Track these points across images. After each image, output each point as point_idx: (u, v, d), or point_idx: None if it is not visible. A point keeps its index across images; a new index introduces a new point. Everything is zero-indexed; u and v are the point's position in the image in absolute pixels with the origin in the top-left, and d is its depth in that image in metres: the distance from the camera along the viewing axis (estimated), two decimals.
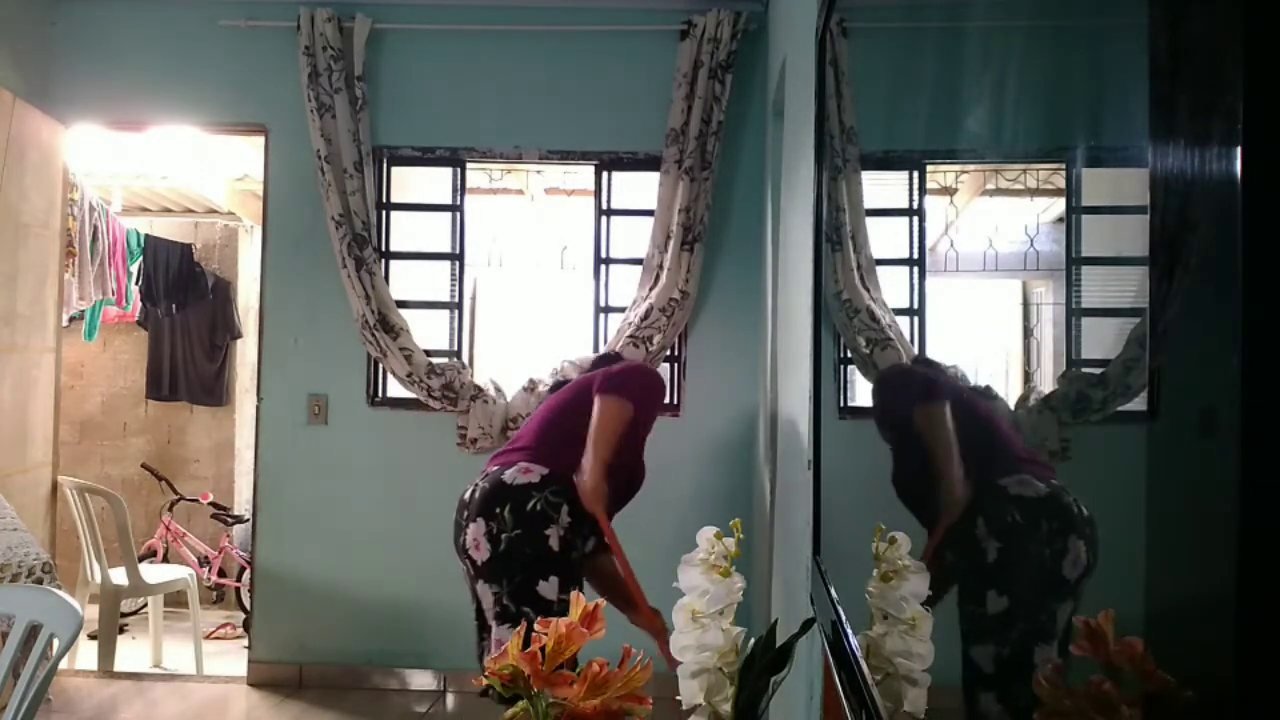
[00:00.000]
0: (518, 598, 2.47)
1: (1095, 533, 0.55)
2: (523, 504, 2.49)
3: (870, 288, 1.28)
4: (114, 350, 6.23)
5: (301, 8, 3.99)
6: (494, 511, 2.49)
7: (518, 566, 2.48)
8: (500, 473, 2.55)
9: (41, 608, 1.90)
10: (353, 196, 3.97)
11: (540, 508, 2.49)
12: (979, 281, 0.90)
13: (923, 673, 0.92)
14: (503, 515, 2.48)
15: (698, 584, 1.60)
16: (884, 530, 1.05)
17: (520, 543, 2.47)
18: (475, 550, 2.50)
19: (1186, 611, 0.43)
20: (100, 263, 4.92)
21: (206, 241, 6.28)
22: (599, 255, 4.16)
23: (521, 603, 2.47)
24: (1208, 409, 0.41)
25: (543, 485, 2.51)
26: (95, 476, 5.83)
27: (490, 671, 1.26)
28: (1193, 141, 0.42)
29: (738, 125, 4.02)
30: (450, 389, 3.98)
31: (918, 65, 1.06)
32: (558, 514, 2.50)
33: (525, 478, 2.52)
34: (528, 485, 2.51)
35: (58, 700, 3.73)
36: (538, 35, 4.08)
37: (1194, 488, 0.42)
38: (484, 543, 2.49)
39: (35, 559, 3.23)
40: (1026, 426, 0.68)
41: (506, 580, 2.48)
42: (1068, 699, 0.55)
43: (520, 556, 2.48)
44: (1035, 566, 0.62)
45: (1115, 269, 0.58)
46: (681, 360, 4.11)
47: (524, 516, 2.48)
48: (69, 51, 4.16)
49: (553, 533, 2.49)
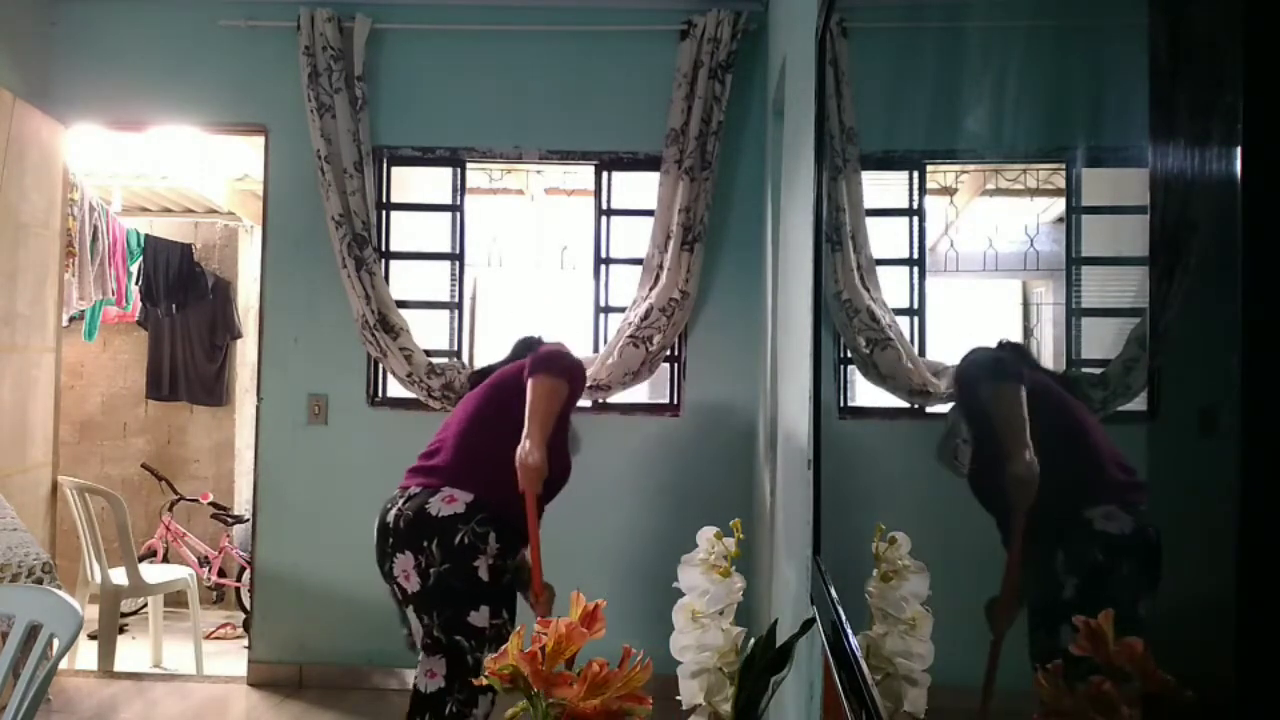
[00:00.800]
0: (449, 629, 2.46)
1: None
2: (450, 537, 2.46)
3: (870, 288, 1.28)
4: (114, 350, 6.23)
5: (301, 8, 3.99)
6: (421, 545, 2.46)
7: (449, 599, 2.47)
8: (424, 501, 2.50)
9: (41, 608, 1.90)
10: (353, 196, 3.97)
11: (468, 540, 2.46)
12: (979, 281, 0.90)
13: (923, 673, 0.92)
14: (430, 550, 2.46)
15: (698, 584, 1.60)
16: (884, 530, 1.05)
17: (449, 576, 2.46)
18: (405, 580, 2.49)
19: (1186, 611, 0.43)
20: (100, 263, 4.92)
21: (206, 241, 6.28)
22: (599, 255, 4.16)
23: (453, 633, 2.46)
24: (1208, 409, 0.41)
25: (469, 515, 2.48)
26: (95, 476, 5.83)
27: (490, 671, 1.27)
28: (1193, 141, 0.42)
29: (738, 125, 4.02)
30: (450, 389, 3.98)
31: (918, 65, 1.06)
32: (485, 544, 2.48)
33: (450, 508, 2.48)
34: (454, 517, 2.47)
35: (58, 700, 3.73)
36: (537, 35, 4.09)
37: (1194, 488, 0.42)
38: (413, 575, 2.47)
39: (35, 559, 3.23)
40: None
41: (437, 613, 2.47)
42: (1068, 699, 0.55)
43: (450, 590, 2.46)
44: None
45: (1115, 269, 0.58)
46: (681, 360, 4.11)
47: (452, 550, 2.46)
48: (69, 51, 4.16)
49: (481, 563, 2.47)
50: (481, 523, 2.48)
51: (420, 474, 2.62)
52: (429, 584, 2.46)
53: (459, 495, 2.50)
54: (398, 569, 2.50)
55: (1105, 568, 0.54)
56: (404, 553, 2.48)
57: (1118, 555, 0.52)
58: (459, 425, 2.69)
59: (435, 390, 3.98)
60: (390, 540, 2.52)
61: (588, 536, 4.07)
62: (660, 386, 4.31)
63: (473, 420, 2.68)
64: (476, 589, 2.47)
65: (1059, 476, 0.60)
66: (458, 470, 2.57)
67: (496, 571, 2.50)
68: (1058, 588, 0.61)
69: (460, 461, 2.59)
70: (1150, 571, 0.47)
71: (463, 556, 2.46)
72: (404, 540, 2.48)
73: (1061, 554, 0.60)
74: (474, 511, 2.49)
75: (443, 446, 2.66)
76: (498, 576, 2.51)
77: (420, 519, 2.48)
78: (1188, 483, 0.43)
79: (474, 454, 2.61)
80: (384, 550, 2.54)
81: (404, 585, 2.49)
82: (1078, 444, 0.60)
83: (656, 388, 4.40)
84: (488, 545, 2.48)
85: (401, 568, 2.49)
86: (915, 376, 1.06)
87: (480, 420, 2.67)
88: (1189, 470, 0.43)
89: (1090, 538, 0.56)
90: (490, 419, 2.66)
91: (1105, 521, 0.54)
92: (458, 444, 2.63)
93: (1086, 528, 0.56)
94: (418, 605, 2.49)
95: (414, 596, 2.48)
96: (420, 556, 2.46)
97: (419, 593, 2.47)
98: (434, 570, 2.45)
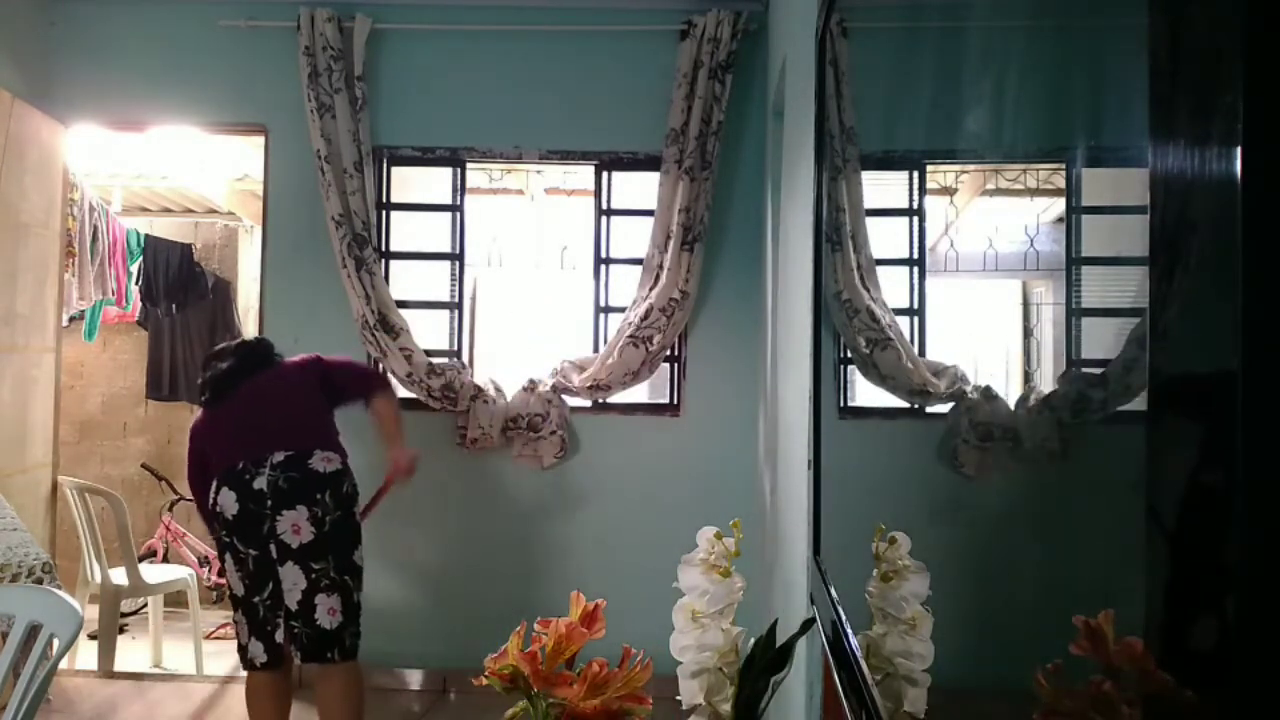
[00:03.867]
0: (341, 570, 2.85)
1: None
2: (339, 488, 2.88)
3: (870, 288, 1.28)
4: (114, 350, 6.23)
5: (301, 8, 3.99)
6: (314, 498, 2.82)
7: (340, 543, 2.85)
8: (303, 462, 2.85)
9: (41, 608, 1.90)
10: (353, 196, 3.97)
11: (349, 490, 2.93)
12: (979, 281, 0.90)
13: (923, 673, 0.92)
14: (324, 500, 2.84)
15: (698, 584, 1.60)
16: (884, 530, 1.05)
17: (340, 523, 2.86)
18: (295, 534, 2.79)
19: (1186, 611, 0.43)
20: (100, 263, 4.92)
21: (206, 241, 6.28)
22: (599, 255, 4.16)
23: (344, 573, 2.85)
24: (1208, 409, 0.41)
25: (344, 471, 2.93)
26: (95, 476, 5.83)
27: (490, 671, 1.27)
28: (1193, 141, 0.42)
29: (738, 125, 4.02)
30: (450, 389, 3.98)
31: (917, 65, 1.06)
32: (357, 493, 2.97)
33: (332, 465, 2.90)
34: (338, 472, 2.90)
35: (58, 700, 3.73)
36: (537, 35, 4.08)
37: (1194, 487, 0.42)
38: (305, 526, 2.80)
39: (35, 559, 3.23)
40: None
41: (333, 556, 2.83)
42: (1068, 699, 0.55)
43: (342, 534, 2.87)
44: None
45: (1115, 269, 0.58)
46: (681, 360, 4.11)
47: (341, 499, 2.88)
48: (69, 51, 4.16)
49: (356, 510, 2.96)
50: (350, 476, 2.95)
51: (269, 443, 2.89)
52: (324, 530, 2.82)
53: (332, 456, 2.92)
54: (284, 525, 2.79)
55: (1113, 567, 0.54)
56: (294, 508, 2.80)
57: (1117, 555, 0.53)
58: (283, 408, 3.02)
59: (435, 390, 3.98)
60: (271, 502, 2.81)
61: (587, 536, 4.07)
62: (660, 386, 4.31)
63: (297, 401, 3.05)
64: (356, 532, 2.93)
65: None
66: (317, 438, 2.96)
67: (358, 517, 2.98)
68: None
69: (314, 432, 2.98)
70: (1151, 571, 0.47)
71: (349, 504, 2.91)
72: (293, 497, 2.81)
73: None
74: (347, 468, 2.95)
75: (271, 426, 2.95)
76: (358, 521, 2.98)
77: (309, 477, 2.84)
78: (1187, 483, 0.43)
79: (320, 425, 3.02)
80: (260, 514, 2.81)
81: (292, 540, 2.79)
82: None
83: (656, 388, 4.40)
84: (357, 493, 2.97)
85: (291, 522, 2.79)
86: (915, 376, 1.06)
87: (305, 401, 3.06)
88: (1189, 470, 0.43)
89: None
90: (311, 398, 3.06)
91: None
92: (302, 420, 3.01)
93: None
94: (310, 554, 2.80)
95: (306, 547, 2.80)
96: (314, 509, 2.81)
97: (313, 542, 2.80)
98: (329, 518, 2.83)
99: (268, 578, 2.84)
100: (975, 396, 0.82)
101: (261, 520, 2.81)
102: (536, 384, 4.03)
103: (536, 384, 4.03)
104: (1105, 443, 0.55)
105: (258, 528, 2.82)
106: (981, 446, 0.80)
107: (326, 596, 2.82)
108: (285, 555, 2.80)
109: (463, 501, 4.09)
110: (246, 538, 2.83)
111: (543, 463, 4.02)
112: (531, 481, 4.07)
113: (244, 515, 2.82)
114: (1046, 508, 0.64)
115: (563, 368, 4.06)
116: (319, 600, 2.81)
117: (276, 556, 2.81)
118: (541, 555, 4.06)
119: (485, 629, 3.72)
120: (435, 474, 4.03)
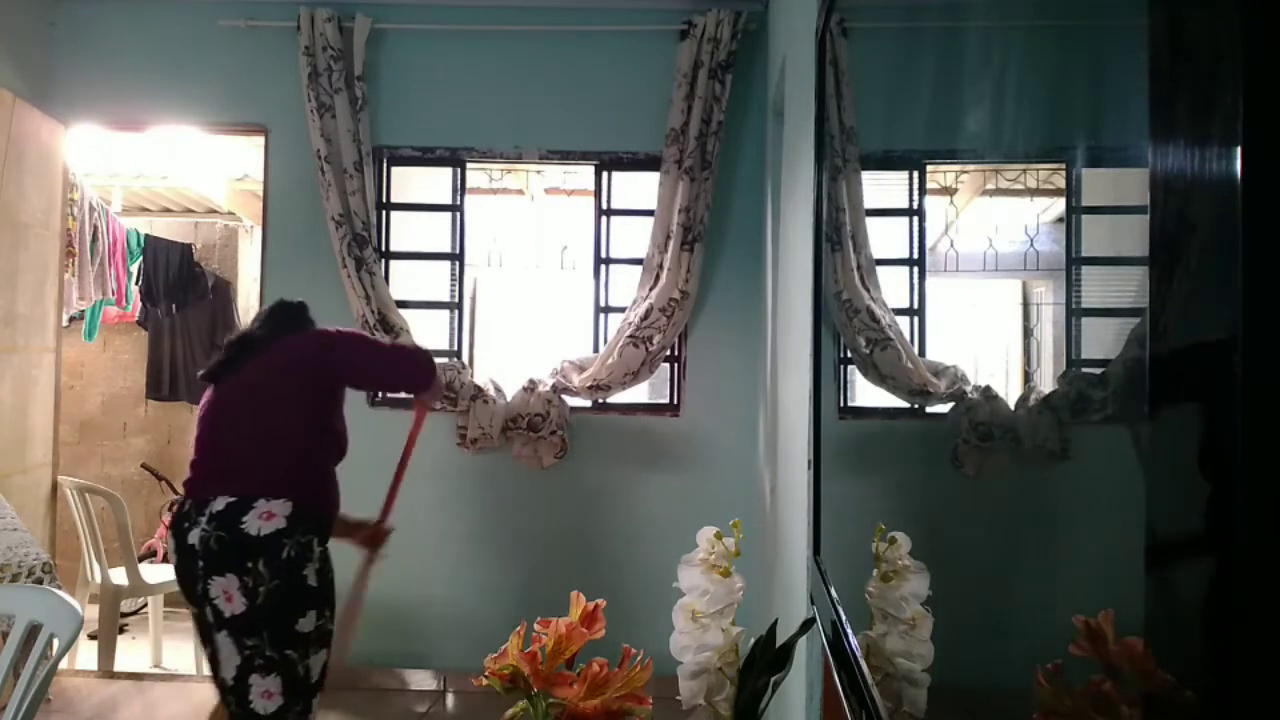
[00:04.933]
0: (279, 644, 2.34)
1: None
2: (276, 555, 2.32)
3: (870, 288, 1.28)
4: (114, 350, 6.23)
5: (301, 8, 3.99)
6: (245, 566, 2.31)
7: (277, 615, 2.33)
8: (237, 520, 2.33)
9: (41, 608, 1.90)
10: (353, 196, 3.97)
11: (294, 554, 2.34)
12: (979, 281, 0.90)
13: (923, 673, 0.92)
14: (257, 569, 2.31)
15: (698, 584, 1.60)
16: (884, 530, 1.05)
17: (278, 592, 2.32)
18: (226, 602, 2.32)
19: (1186, 611, 0.43)
20: (100, 263, 4.92)
21: (206, 241, 6.28)
22: (599, 255, 4.16)
23: (284, 647, 2.34)
24: (1208, 409, 0.41)
25: (291, 529, 2.33)
26: (95, 476, 5.83)
27: (490, 671, 1.27)
28: (1193, 141, 0.42)
29: (738, 125, 4.02)
30: (450, 389, 3.98)
31: (918, 65, 1.06)
32: (311, 552, 2.37)
33: (271, 525, 2.32)
34: (276, 534, 2.32)
35: (58, 700, 3.73)
36: (537, 35, 4.09)
37: (1194, 487, 0.42)
38: (237, 596, 2.32)
39: (35, 559, 3.23)
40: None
41: (267, 632, 2.33)
42: (1068, 699, 0.55)
43: (280, 605, 2.33)
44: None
45: (1115, 269, 0.58)
46: (681, 360, 4.11)
47: (279, 566, 2.32)
48: (69, 51, 4.16)
49: (310, 571, 2.36)
50: (304, 532, 2.35)
51: (215, 482, 2.41)
52: (257, 603, 2.31)
53: (276, 509, 2.34)
54: (215, 591, 2.33)
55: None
56: (224, 575, 2.32)
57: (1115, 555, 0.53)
58: (250, 418, 2.48)
59: None
60: (201, 564, 2.34)
61: (587, 536, 4.07)
62: (660, 386, 4.31)
63: (266, 413, 2.48)
64: (305, 597, 2.36)
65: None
66: (267, 476, 2.39)
67: (324, 575, 2.40)
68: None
69: (270, 466, 2.41)
70: (1151, 571, 0.47)
71: (291, 570, 2.33)
72: (221, 563, 2.32)
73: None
74: (296, 523, 2.34)
75: (227, 445, 2.47)
76: (324, 577, 2.41)
77: (238, 540, 2.31)
78: (1187, 483, 0.43)
79: (279, 454, 2.43)
80: (193, 573, 2.37)
81: (223, 608, 2.33)
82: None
83: (656, 388, 4.41)
84: (314, 552, 2.37)
85: (221, 589, 2.32)
86: (915, 376, 1.06)
87: (275, 413, 2.48)
88: (1189, 471, 0.43)
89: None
90: (287, 410, 2.48)
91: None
92: (262, 442, 2.44)
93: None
94: (241, 627, 2.33)
95: (237, 619, 2.33)
96: (245, 578, 2.31)
97: (244, 614, 2.32)
98: (263, 589, 2.31)
99: (207, 640, 2.43)
100: (975, 396, 0.82)
101: (195, 580, 2.37)
102: (536, 384, 4.03)
103: (536, 384, 4.03)
104: (1105, 443, 0.55)
105: (192, 587, 2.39)
106: (981, 446, 0.80)
107: (261, 678, 2.34)
108: (219, 623, 2.35)
109: (463, 501, 4.09)
110: (186, 594, 2.43)
111: (543, 463, 4.02)
112: (531, 481, 4.07)
113: (179, 571, 2.42)
114: (1046, 508, 0.64)
115: (563, 368, 4.06)
116: (253, 681, 2.35)
117: (212, 621, 2.37)
118: (541, 555, 4.06)
119: (485, 629, 3.74)
120: (435, 474, 4.03)
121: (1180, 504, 0.44)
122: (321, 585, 2.40)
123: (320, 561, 2.40)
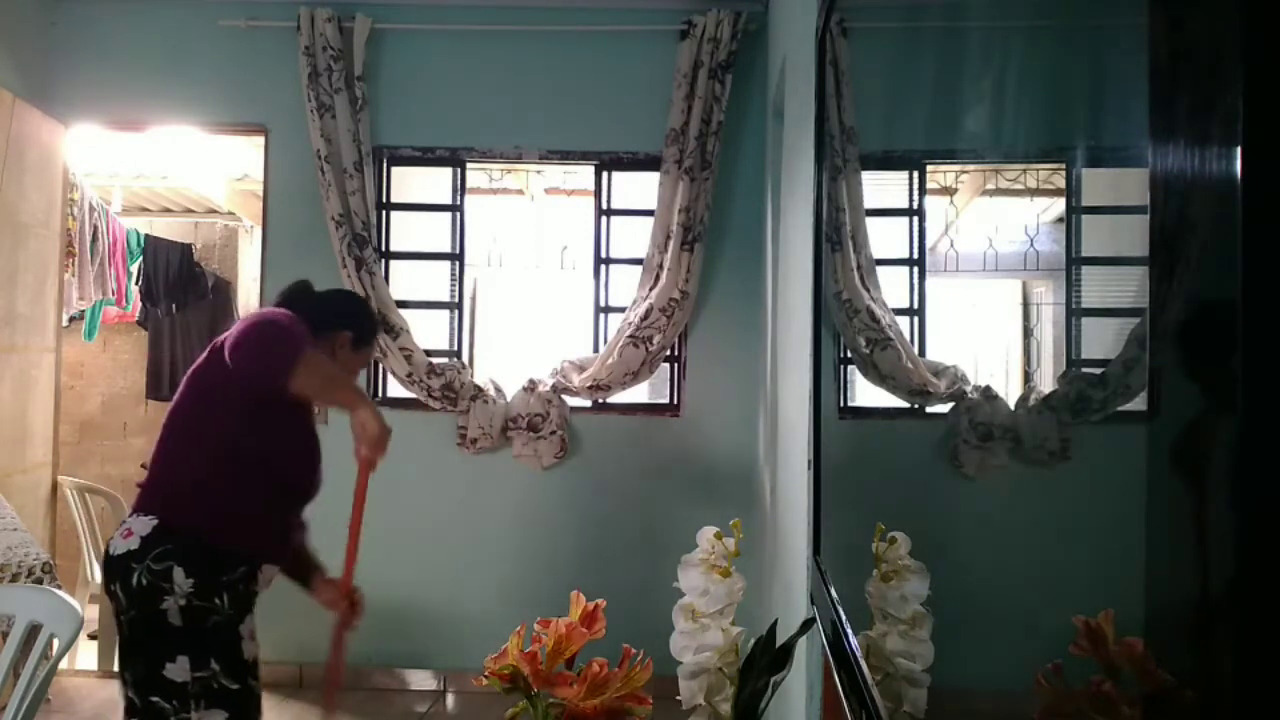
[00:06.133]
0: (142, 688, 2.00)
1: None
2: (128, 580, 2.00)
3: (870, 288, 1.28)
4: (114, 350, 6.23)
5: (301, 8, 3.99)
6: (110, 589, 2.04)
7: (139, 653, 2.01)
8: (112, 535, 2.08)
9: (41, 608, 1.90)
10: (353, 196, 3.97)
11: (146, 581, 1.98)
12: (979, 281, 0.90)
13: (923, 673, 0.92)
14: (117, 594, 2.03)
15: (698, 584, 1.60)
16: (884, 530, 1.06)
17: (137, 626, 2.01)
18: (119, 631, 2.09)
19: (1186, 611, 0.43)
20: (100, 263, 4.92)
21: (206, 241, 6.28)
22: (599, 255, 4.16)
23: (148, 693, 1.99)
24: (1208, 409, 0.41)
25: (142, 552, 1.99)
26: (95, 476, 5.83)
27: (490, 671, 1.27)
28: (1193, 141, 0.42)
29: (738, 125, 4.02)
30: (450, 389, 3.98)
31: (918, 65, 1.06)
32: (170, 582, 1.98)
33: (125, 544, 2.02)
34: (127, 555, 2.01)
35: (58, 700, 3.73)
36: (538, 35, 4.08)
37: (1194, 487, 0.42)
38: (117, 623, 2.06)
39: (35, 559, 3.23)
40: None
41: (130, 671, 2.02)
42: (1068, 699, 0.55)
43: (142, 641, 2.01)
44: None
45: (1115, 269, 0.58)
46: (681, 360, 4.11)
47: (132, 594, 2.00)
48: (69, 51, 4.16)
49: (170, 605, 1.98)
50: (159, 558, 1.99)
51: (142, 488, 2.17)
52: (125, 634, 2.03)
53: (136, 526, 2.03)
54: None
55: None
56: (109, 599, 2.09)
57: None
58: (164, 428, 2.17)
59: (435, 390, 3.98)
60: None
61: (587, 536, 4.07)
62: (660, 386, 4.31)
63: (171, 419, 2.16)
64: (168, 637, 1.99)
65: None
66: (147, 491, 2.11)
67: (193, 613, 2.00)
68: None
69: (152, 479, 2.13)
70: (1150, 571, 0.47)
71: (145, 602, 1.98)
72: (104, 585, 2.10)
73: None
74: (150, 545, 2.00)
75: (154, 456, 2.19)
76: (196, 618, 2.00)
77: (105, 559, 2.06)
78: (1187, 482, 0.43)
79: (166, 468, 2.12)
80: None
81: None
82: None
83: (656, 388, 4.41)
84: (173, 583, 1.98)
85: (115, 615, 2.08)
86: (915, 376, 1.06)
87: (174, 421, 2.15)
88: (1189, 470, 0.43)
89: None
90: (183, 418, 2.15)
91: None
92: (159, 454, 2.15)
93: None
94: (121, 659, 2.06)
95: (120, 648, 2.07)
96: (113, 603, 2.05)
97: (121, 644, 2.06)
98: (124, 618, 2.02)
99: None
100: (975, 396, 0.82)
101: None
102: (536, 384, 4.03)
103: (536, 384, 4.03)
104: (1105, 443, 0.55)
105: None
106: (981, 446, 0.80)
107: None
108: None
109: (463, 501, 4.09)
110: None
111: (543, 463, 4.02)
112: (531, 481, 4.07)
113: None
114: (1046, 508, 0.64)
115: (563, 368, 4.06)
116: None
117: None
118: (541, 555, 4.06)
119: (485, 629, 3.73)
120: (435, 474, 4.03)
121: (1180, 504, 0.44)
122: (191, 628, 2.00)
123: (191, 599, 2.00)
